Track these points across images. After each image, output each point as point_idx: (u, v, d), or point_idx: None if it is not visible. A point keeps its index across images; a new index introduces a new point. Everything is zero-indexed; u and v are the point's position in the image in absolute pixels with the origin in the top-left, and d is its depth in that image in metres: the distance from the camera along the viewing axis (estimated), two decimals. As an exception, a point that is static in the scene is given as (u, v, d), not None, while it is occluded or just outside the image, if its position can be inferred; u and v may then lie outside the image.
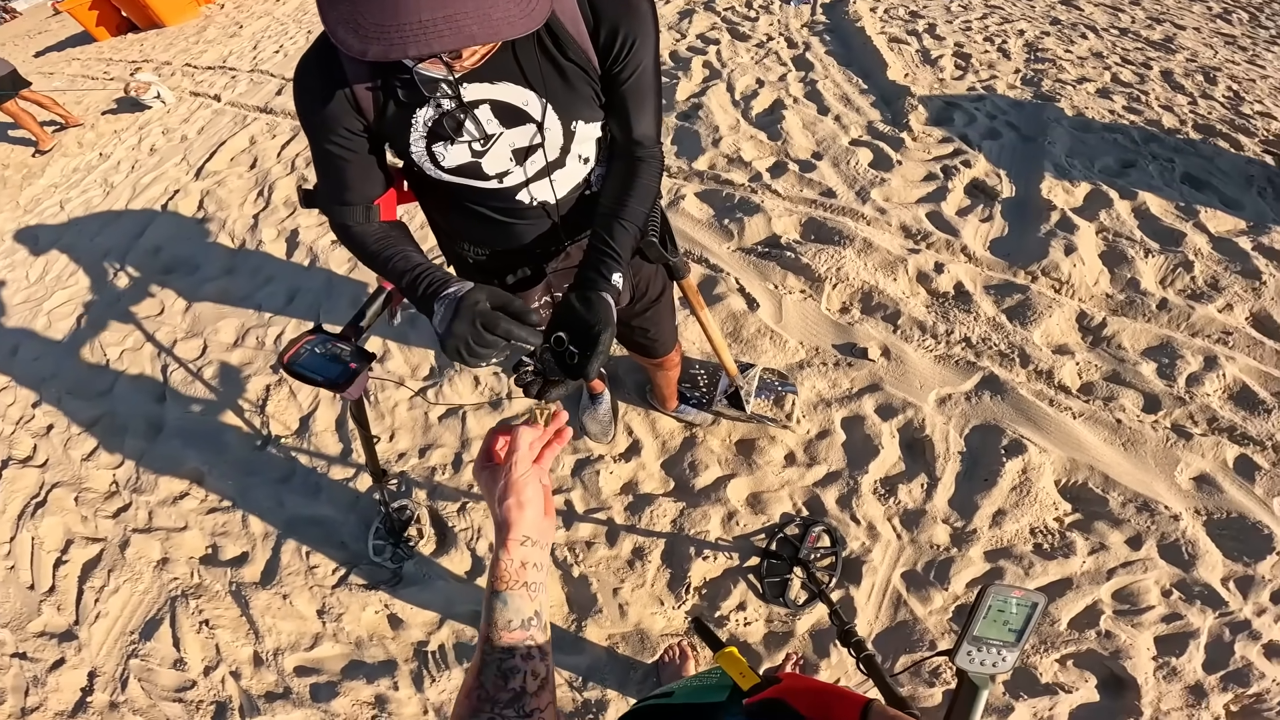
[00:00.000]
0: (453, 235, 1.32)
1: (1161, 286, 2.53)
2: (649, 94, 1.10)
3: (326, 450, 2.57)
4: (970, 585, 1.97)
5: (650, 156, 1.16)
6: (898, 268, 2.64)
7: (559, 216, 1.21)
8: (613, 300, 1.03)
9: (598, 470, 2.31)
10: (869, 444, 2.24)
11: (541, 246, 1.26)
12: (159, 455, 2.69)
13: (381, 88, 0.97)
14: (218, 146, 4.13)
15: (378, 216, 1.12)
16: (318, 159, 1.06)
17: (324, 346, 1.33)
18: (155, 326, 3.12)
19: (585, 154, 1.15)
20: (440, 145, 1.03)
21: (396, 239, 1.12)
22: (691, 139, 3.22)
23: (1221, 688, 1.77)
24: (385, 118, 1.00)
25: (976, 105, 3.38)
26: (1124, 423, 2.20)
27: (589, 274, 1.05)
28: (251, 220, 3.44)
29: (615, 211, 1.11)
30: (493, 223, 1.20)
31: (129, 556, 2.45)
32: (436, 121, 1.00)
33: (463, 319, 0.91)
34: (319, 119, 1.00)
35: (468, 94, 0.98)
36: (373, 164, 1.08)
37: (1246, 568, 1.92)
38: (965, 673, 0.89)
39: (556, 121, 1.04)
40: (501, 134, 1.03)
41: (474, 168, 1.07)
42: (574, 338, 0.98)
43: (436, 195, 1.20)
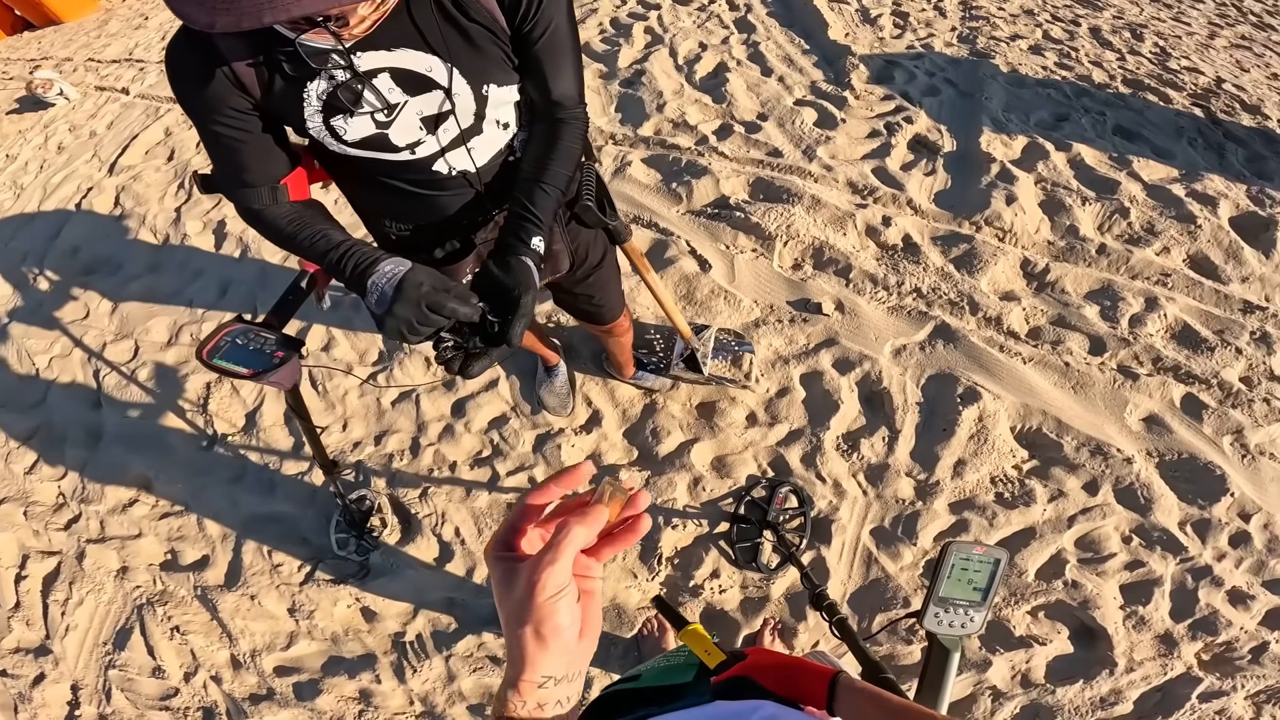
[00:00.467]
0: (372, 213, 1.24)
1: (1100, 232, 2.54)
2: (565, 52, 1.03)
3: (277, 445, 2.42)
4: (938, 539, 1.96)
5: (572, 118, 1.10)
6: (847, 223, 2.60)
7: (482, 185, 1.14)
8: (533, 264, 0.99)
9: (559, 444, 2.23)
10: (829, 399, 2.20)
11: (467, 217, 1.19)
12: (102, 463, 2.52)
13: (265, 63, 0.89)
14: (130, 140, 3.82)
15: (285, 196, 1.05)
16: (208, 143, 0.98)
17: (245, 337, 1.24)
18: (82, 331, 2.88)
19: (503, 119, 1.08)
20: (339, 119, 0.95)
21: (311, 218, 1.05)
22: (635, 105, 3.10)
23: (1191, 636, 1.80)
24: (273, 94, 0.92)
25: (916, 63, 3.35)
26: (1072, 365, 2.20)
27: (507, 239, 1.01)
28: (174, 214, 3.19)
29: (535, 175, 1.06)
30: (412, 196, 1.12)
31: (87, 568, 2.32)
32: (331, 94, 0.92)
33: (406, 302, 0.87)
34: (201, 101, 0.92)
35: (363, 63, 0.90)
36: (270, 142, 1.00)
37: (1202, 511, 1.94)
38: (935, 636, 0.85)
39: (465, 86, 0.98)
40: (406, 102, 0.96)
41: (381, 139, 0.99)
42: (494, 305, 0.94)
43: (349, 171, 1.12)
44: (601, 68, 3.32)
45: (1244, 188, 2.67)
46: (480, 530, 2.14)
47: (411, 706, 1.97)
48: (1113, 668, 1.78)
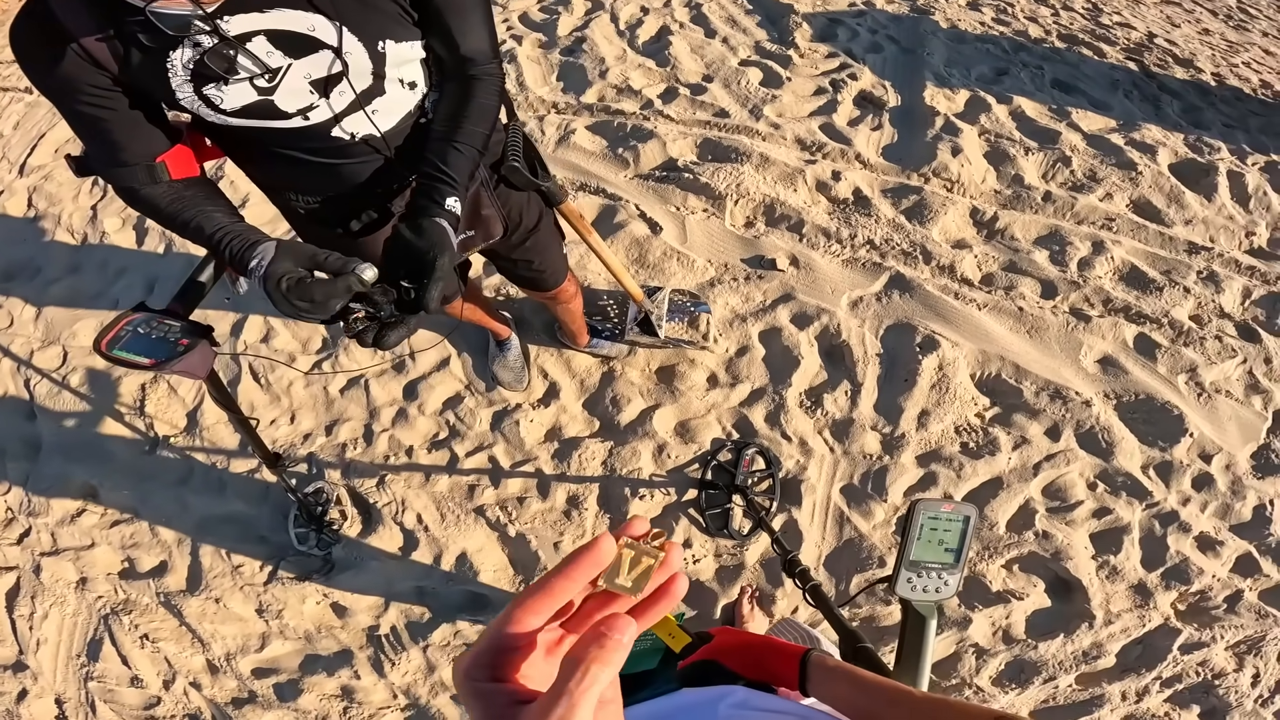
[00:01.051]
0: (274, 186, 1.13)
1: (1044, 180, 2.52)
2: (470, 4, 0.95)
3: (222, 444, 2.25)
4: (908, 494, 1.91)
5: (485, 74, 1.01)
6: (796, 179, 2.51)
7: (392, 150, 1.03)
8: (448, 225, 0.91)
9: (517, 420, 2.11)
10: (789, 355, 2.12)
11: (381, 185, 1.08)
12: (44, 475, 2.34)
13: (116, 36, 0.79)
14: (38, 140, 3.52)
15: (164, 175, 0.95)
16: (73, 123, 0.90)
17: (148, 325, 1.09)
18: (8, 339, 2.64)
19: (408, 78, 0.97)
20: (212, 87, 0.85)
21: (192, 198, 0.96)
22: (578, 73, 2.95)
23: (1164, 585, 1.78)
24: (132, 68, 0.82)
25: (858, 21, 3.27)
26: (1026, 310, 2.16)
27: (419, 201, 0.94)
28: (90, 212, 2.95)
29: (447, 134, 0.98)
30: (313, 166, 1.01)
31: (46, 581, 2.19)
32: (198, 62, 0.82)
33: (276, 300, 0.82)
34: (54, 82, 0.83)
35: (232, 27, 0.80)
36: (139, 119, 0.90)
37: (1163, 453, 1.92)
38: (909, 603, 0.78)
39: (357, 44, 0.87)
40: (290, 65, 0.86)
41: (265, 107, 0.89)
42: (409, 270, 0.87)
43: (239, 144, 1.02)
44: (541, 37, 3.13)
45: (1181, 136, 2.68)
46: (443, 515, 2.01)
47: (395, 700, 1.90)
48: (1091, 620, 1.75)
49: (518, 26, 3.16)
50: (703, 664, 0.74)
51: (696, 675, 0.73)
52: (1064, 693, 1.76)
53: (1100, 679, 1.77)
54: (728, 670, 0.72)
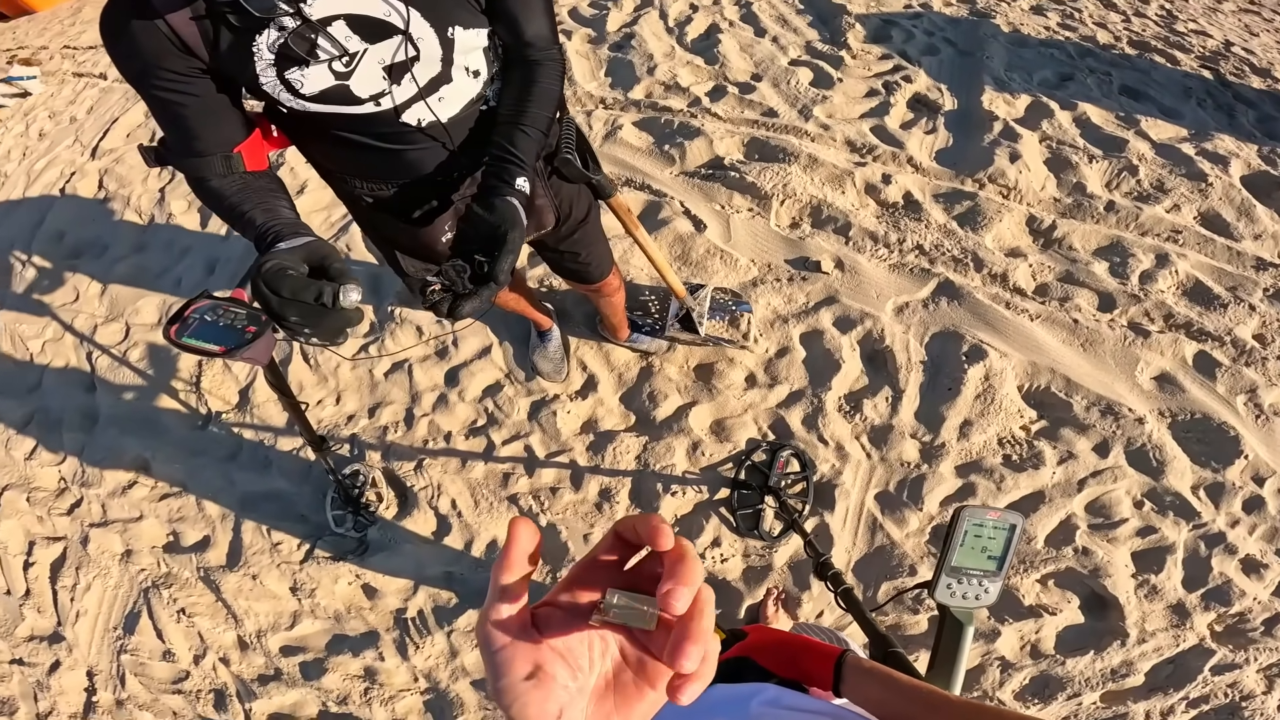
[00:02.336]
0: (339, 174, 1.17)
1: (1108, 189, 2.48)
2: None
3: (270, 422, 2.39)
4: (944, 504, 1.92)
5: (548, 58, 1.06)
6: (845, 181, 2.53)
7: (454, 137, 1.07)
8: (519, 203, 0.96)
9: (554, 411, 2.19)
10: (830, 359, 2.14)
11: (442, 173, 1.12)
12: (100, 446, 2.50)
13: (207, 17, 0.83)
14: (111, 124, 3.78)
15: (240, 166, 0.99)
16: (154, 109, 0.93)
17: (214, 313, 1.16)
18: (72, 314, 2.84)
19: (473, 66, 1.02)
20: (295, 71, 0.89)
21: (259, 190, 0.99)
22: (625, 69, 3.03)
23: (1204, 606, 1.76)
24: (220, 51, 0.87)
25: (914, 23, 3.27)
26: (1081, 322, 2.14)
27: (490, 181, 0.99)
28: (157, 194, 3.16)
29: (514, 118, 1.03)
30: (380, 152, 1.05)
31: (92, 552, 2.33)
32: (283, 45, 0.86)
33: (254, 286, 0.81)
34: (140, 66, 0.86)
35: (315, 10, 0.85)
36: (223, 105, 0.95)
37: (1216, 474, 1.89)
38: (947, 609, 0.80)
39: (429, 30, 0.92)
40: (366, 50, 0.90)
41: (342, 92, 0.93)
42: (482, 245, 0.92)
43: (310, 131, 1.06)
44: (590, 32, 3.23)
45: (1255, 148, 2.62)
46: (476, 501, 2.10)
47: (416, 683, 1.96)
48: (1124, 639, 1.75)
49: (567, 21, 3.26)
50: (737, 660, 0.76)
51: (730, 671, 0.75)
52: (1087, 710, 1.76)
53: (1126, 697, 1.76)
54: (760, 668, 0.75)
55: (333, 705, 1.98)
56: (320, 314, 0.79)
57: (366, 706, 1.96)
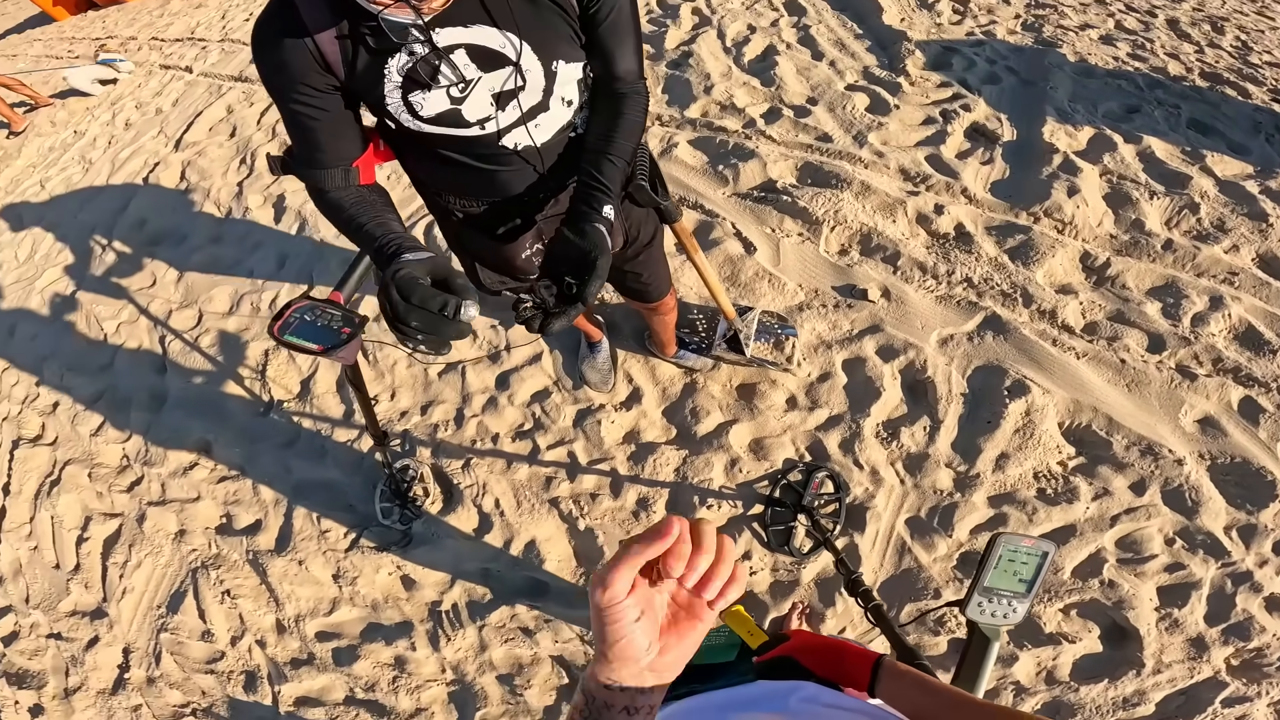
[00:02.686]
0: (435, 189, 1.27)
1: (1167, 227, 2.48)
2: (628, 29, 1.08)
3: (329, 413, 2.55)
4: (974, 532, 1.96)
5: (634, 91, 1.14)
6: (897, 210, 2.59)
7: (544, 161, 1.17)
8: (605, 230, 1.03)
9: (599, 420, 2.30)
10: (870, 386, 2.21)
11: (529, 194, 1.22)
12: (165, 427, 2.68)
13: (349, 36, 0.92)
14: (195, 117, 4.04)
15: (357, 179, 1.09)
16: (288, 121, 1.02)
17: (313, 313, 1.28)
18: (148, 299, 3.07)
19: (568, 96, 1.11)
20: (417, 94, 0.99)
21: (374, 204, 1.08)
22: (682, 87, 3.13)
23: (1222, 641, 1.78)
24: (356, 71, 0.96)
25: (976, 50, 3.29)
26: (1128, 363, 2.16)
27: (579, 207, 1.06)
28: (236, 188, 3.38)
29: (602, 147, 1.10)
30: (476, 172, 1.15)
31: (147, 530, 2.47)
32: (411, 68, 0.96)
33: (384, 291, 0.86)
34: (284, 79, 0.95)
35: (441, 39, 0.94)
36: (347, 122, 1.04)
37: (1249, 516, 1.91)
38: (976, 624, 0.87)
39: (536, 63, 1.01)
40: (480, 78, 1.00)
41: (454, 115, 1.03)
42: (571, 268, 0.99)
43: (415, 149, 1.16)
44: (648, 49, 3.35)
45: None
46: (519, 502, 2.22)
47: (443, 674, 2.05)
48: (1139, 669, 1.77)
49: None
50: (780, 660, 0.83)
51: (773, 669, 0.83)
52: (1096, 737, 1.80)
53: (1135, 726, 1.80)
54: (802, 668, 0.81)
55: (360, 692, 2.07)
56: (440, 324, 0.84)
57: (393, 694, 2.04)
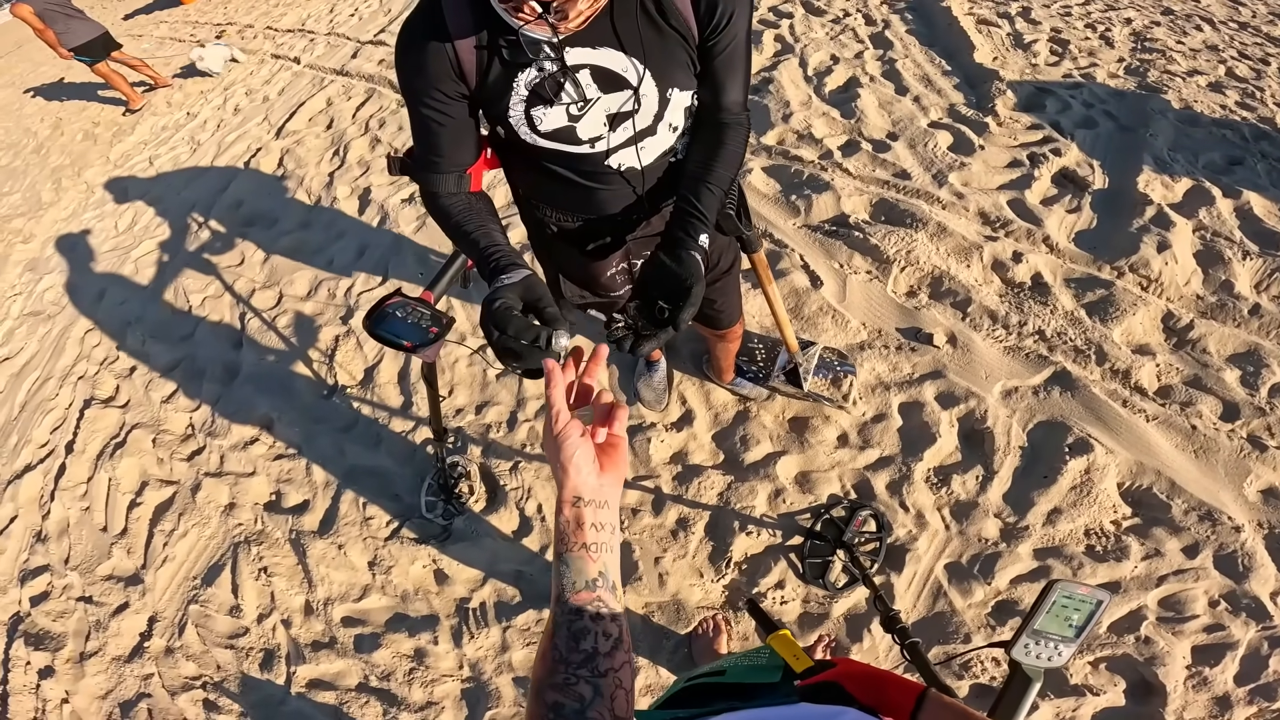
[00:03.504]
0: (536, 200, 1.35)
1: (1256, 291, 2.48)
2: (740, 63, 1.14)
3: (388, 402, 2.73)
4: (1015, 582, 1.99)
5: (738, 123, 1.20)
6: (972, 254, 2.64)
7: (644, 183, 1.24)
8: (700, 258, 1.09)
9: (649, 438, 2.40)
10: (926, 431, 2.26)
11: (624, 214, 1.29)
12: (233, 400, 2.91)
13: (487, 47, 1.01)
14: (297, 107, 4.40)
15: (468, 185, 1.17)
16: (415, 123, 1.11)
17: (405, 310, 1.37)
18: (234, 277, 3.36)
19: (675, 122, 1.17)
20: (539, 109, 1.06)
21: (481, 212, 1.16)
22: (761, 113, 3.25)
23: (1248, 700, 1.78)
24: (488, 80, 1.04)
25: (1072, 93, 3.31)
26: (1199, 429, 2.17)
27: (676, 234, 1.11)
28: (327, 178, 3.66)
29: (701, 175, 1.16)
30: (578, 188, 1.22)
31: (199, 501, 2.63)
32: (538, 84, 1.03)
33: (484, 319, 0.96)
34: (421, 82, 1.04)
35: (570, 58, 1.01)
36: (469, 130, 1.13)
37: None
38: (1019, 664, 0.91)
39: (654, 88, 1.08)
40: (599, 99, 1.07)
41: (569, 132, 1.10)
42: (665, 293, 1.05)
43: (524, 161, 1.23)
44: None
45: None
46: (562, 510, 2.35)
47: (460, 670, 2.12)
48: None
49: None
50: (825, 684, 0.89)
51: (816, 693, 0.88)
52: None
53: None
54: (848, 694, 0.86)
55: (374, 680, 2.14)
56: (532, 353, 0.91)
57: (406, 685, 2.10)
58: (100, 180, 4.81)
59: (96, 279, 3.81)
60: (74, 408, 3.12)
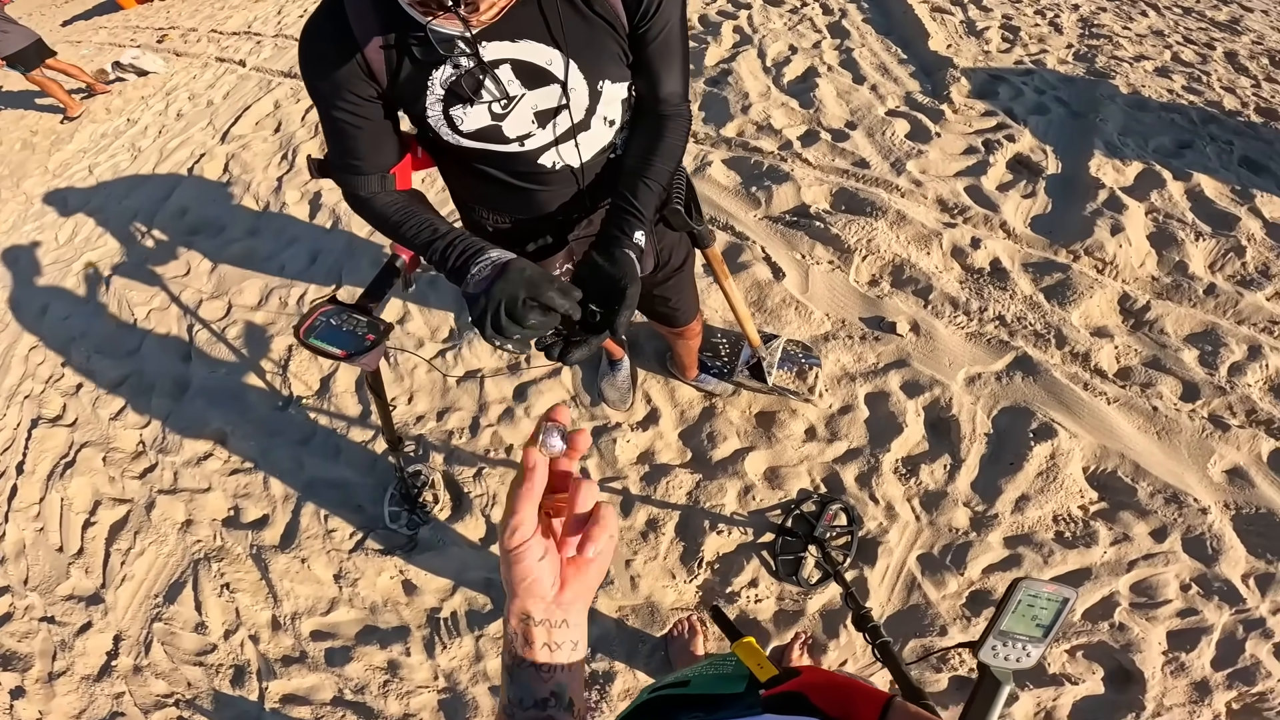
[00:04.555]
0: (471, 202, 1.29)
1: (1210, 271, 2.49)
2: (676, 51, 1.08)
3: (346, 412, 2.64)
4: (987, 571, 1.98)
5: (677, 114, 1.15)
6: (931, 241, 2.63)
7: (582, 181, 1.19)
8: (636, 257, 1.03)
9: (614, 438, 2.35)
10: (892, 421, 2.24)
11: (564, 213, 1.24)
12: (184, 415, 2.78)
13: (396, 46, 0.94)
14: (243, 111, 4.24)
15: (393, 186, 1.11)
16: (328, 127, 1.05)
17: (339, 318, 1.31)
18: (181, 287, 3.22)
19: (611, 116, 1.12)
20: (459, 108, 1.00)
21: (413, 210, 1.10)
22: (720, 105, 3.21)
23: (1226, 685, 1.79)
24: (399, 80, 0.98)
25: (1024, 79, 3.32)
26: (1160, 410, 2.18)
27: (611, 232, 1.05)
28: (276, 183, 3.53)
29: (639, 170, 1.10)
30: (513, 189, 1.17)
31: (154, 518, 2.53)
32: (455, 82, 0.97)
33: (507, 282, 0.90)
34: (328, 85, 0.97)
35: (487, 53, 0.95)
36: (387, 131, 1.07)
37: (1269, 565, 1.92)
38: (988, 667, 0.88)
39: (582, 81, 1.02)
40: (524, 95, 1.01)
41: (494, 131, 1.04)
42: (599, 295, 0.98)
43: (454, 161, 1.18)
44: (689, 66, 3.45)
45: None
46: (528, 516, 2.29)
47: (435, 681, 2.08)
48: (1139, 712, 1.78)
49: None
50: (789, 695, 0.85)
51: (781, 704, 0.84)
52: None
53: (1130, 770, 1.79)
54: (811, 704, 0.83)
55: (349, 693, 2.09)
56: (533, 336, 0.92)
57: (382, 698, 2.06)
58: (39, 191, 4.58)
59: (38, 294, 3.62)
60: (22, 428, 2.99)
